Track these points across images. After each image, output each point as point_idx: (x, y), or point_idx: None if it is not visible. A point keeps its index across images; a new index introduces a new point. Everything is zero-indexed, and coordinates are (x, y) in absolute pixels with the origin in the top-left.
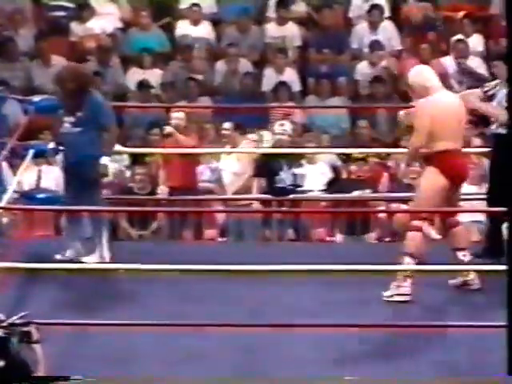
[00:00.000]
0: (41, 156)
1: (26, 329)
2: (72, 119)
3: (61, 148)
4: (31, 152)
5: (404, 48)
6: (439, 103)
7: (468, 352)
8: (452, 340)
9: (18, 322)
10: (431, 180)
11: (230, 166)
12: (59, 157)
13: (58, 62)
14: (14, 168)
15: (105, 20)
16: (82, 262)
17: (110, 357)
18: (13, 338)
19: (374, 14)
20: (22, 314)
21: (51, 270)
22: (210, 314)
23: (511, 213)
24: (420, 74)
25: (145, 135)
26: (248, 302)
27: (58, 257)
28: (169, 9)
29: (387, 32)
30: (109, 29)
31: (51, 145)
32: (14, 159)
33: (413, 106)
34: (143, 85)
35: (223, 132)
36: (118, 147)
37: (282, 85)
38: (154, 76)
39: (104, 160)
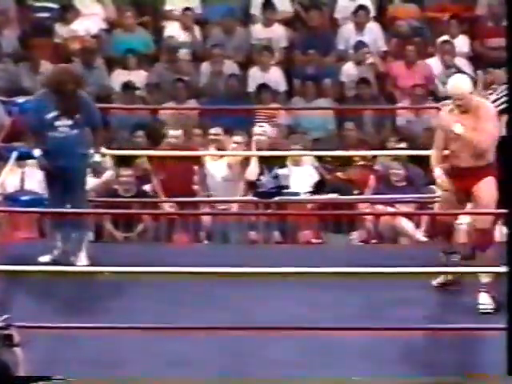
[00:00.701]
0: (24, 158)
1: (6, 332)
2: (69, 122)
3: (48, 151)
4: (15, 154)
5: (390, 49)
6: None
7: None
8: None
9: None
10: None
11: (220, 171)
12: (42, 160)
13: (45, 64)
14: None
15: (89, 21)
16: (68, 264)
17: (94, 360)
18: None
19: (359, 15)
20: (4, 317)
21: (35, 272)
22: (195, 317)
23: (511, 213)
24: (461, 83)
25: (130, 137)
26: (234, 304)
27: (44, 258)
28: (153, 10)
29: (373, 33)
30: (93, 30)
31: (37, 151)
32: None
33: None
34: (128, 86)
35: (212, 137)
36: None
37: (267, 86)
38: (139, 77)
39: (97, 157)
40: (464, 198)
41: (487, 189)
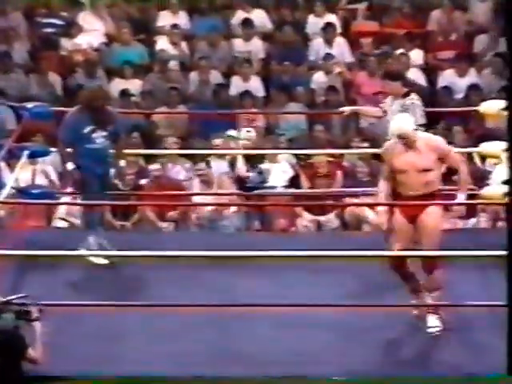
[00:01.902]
0: (35, 156)
1: (25, 308)
2: (104, 133)
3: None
4: (26, 153)
5: (354, 60)
6: None
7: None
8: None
9: (16, 301)
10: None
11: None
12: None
13: (52, 75)
14: (11, 167)
15: (91, 36)
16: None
17: (95, 334)
18: (6, 315)
19: (328, 31)
20: (22, 295)
21: (46, 256)
22: (182, 296)
23: (510, 210)
24: (405, 122)
25: (127, 138)
26: (221, 286)
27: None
28: (147, 26)
29: (340, 46)
30: (95, 44)
31: (70, 165)
32: (11, 159)
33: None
34: (125, 93)
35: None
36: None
37: (248, 93)
38: (135, 85)
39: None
40: (413, 226)
41: (433, 217)
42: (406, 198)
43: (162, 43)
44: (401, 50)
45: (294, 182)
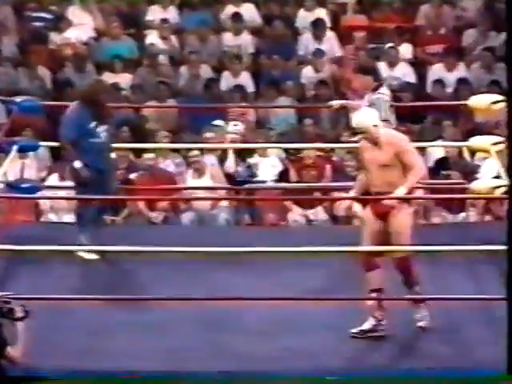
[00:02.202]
0: (24, 151)
1: (8, 306)
2: (105, 127)
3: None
4: (15, 147)
5: (344, 55)
6: None
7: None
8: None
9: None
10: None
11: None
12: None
13: (41, 69)
14: (0, 161)
15: (80, 30)
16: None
17: (84, 328)
18: None
19: (317, 25)
20: (6, 293)
21: (34, 251)
22: (174, 290)
23: (510, 209)
24: (367, 116)
25: (116, 132)
26: (210, 280)
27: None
28: (136, 20)
29: (329, 41)
30: (84, 38)
31: (77, 163)
32: (0, 153)
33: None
34: (114, 87)
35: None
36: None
37: (238, 87)
38: (125, 80)
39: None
40: (382, 224)
41: (399, 220)
42: (373, 195)
43: (152, 37)
44: (390, 44)
45: (283, 176)
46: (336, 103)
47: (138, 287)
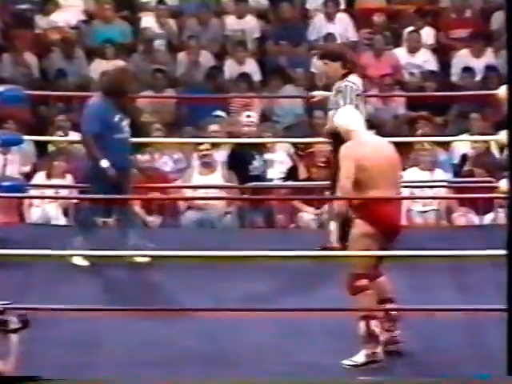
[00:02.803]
0: (7, 145)
1: (2, 317)
2: (127, 121)
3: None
4: None
5: (359, 39)
6: (366, 147)
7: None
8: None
9: None
10: (360, 235)
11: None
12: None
13: (27, 55)
14: None
15: (68, 13)
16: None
17: (74, 342)
18: None
19: (329, 6)
20: (3, 302)
21: (17, 255)
22: (170, 299)
23: (511, 207)
24: (343, 116)
25: None
26: (211, 287)
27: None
28: (130, 2)
29: (343, 24)
30: (72, 21)
31: (104, 163)
32: None
33: None
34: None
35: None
36: None
37: (242, 76)
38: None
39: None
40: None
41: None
42: None
43: (147, 20)
44: (410, 28)
45: (292, 173)
46: (318, 94)
47: (132, 293)
